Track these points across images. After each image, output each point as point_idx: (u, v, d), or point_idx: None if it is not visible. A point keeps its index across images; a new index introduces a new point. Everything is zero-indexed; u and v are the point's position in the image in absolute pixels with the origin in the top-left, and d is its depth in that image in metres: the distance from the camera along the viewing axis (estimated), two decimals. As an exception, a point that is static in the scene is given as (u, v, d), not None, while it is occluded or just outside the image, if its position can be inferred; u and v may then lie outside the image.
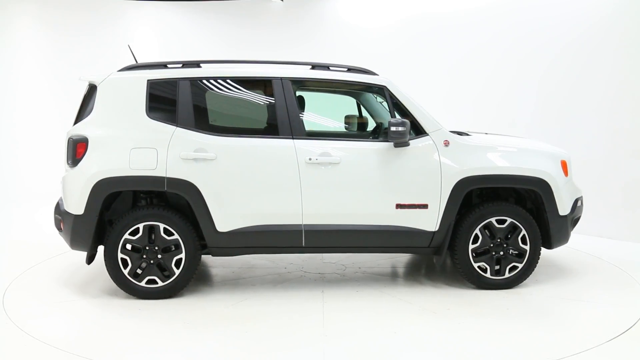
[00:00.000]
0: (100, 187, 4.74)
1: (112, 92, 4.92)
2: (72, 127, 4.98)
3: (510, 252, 5.15)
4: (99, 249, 5.08)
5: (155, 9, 11.11)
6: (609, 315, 4.66)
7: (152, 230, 4.86)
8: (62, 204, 5.02)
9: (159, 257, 4.87)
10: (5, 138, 10.39)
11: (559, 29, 7.99)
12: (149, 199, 5.12)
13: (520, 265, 5.17)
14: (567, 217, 5.23)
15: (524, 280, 5.24)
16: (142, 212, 4.87)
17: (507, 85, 8.55)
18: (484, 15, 8.75)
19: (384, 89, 5.12)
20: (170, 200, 5.11)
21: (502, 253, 5.14)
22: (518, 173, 5.09)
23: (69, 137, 4.89)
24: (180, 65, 5.08)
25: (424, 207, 4.99)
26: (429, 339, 4.13)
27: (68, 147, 4.89)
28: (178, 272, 4.89)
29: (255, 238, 4.92)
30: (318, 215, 4.93)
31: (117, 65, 5.32)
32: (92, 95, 4.99)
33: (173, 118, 4.88)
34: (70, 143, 4.85)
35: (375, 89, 5.24)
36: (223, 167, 4.83)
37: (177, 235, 4.86)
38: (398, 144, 4.95)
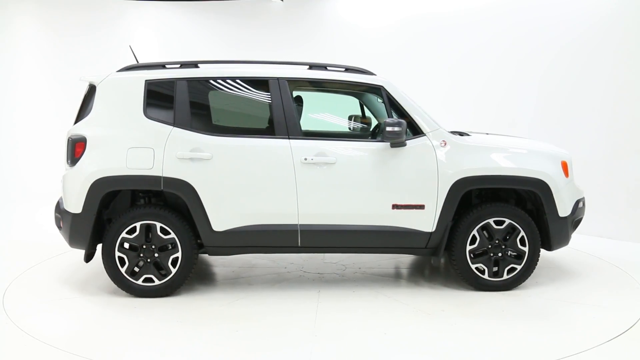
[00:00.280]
0: (98, 186, 4.80)
1: (110, 92, 4.97)
2: (72, 126, 5.05)
3: (509, 253, 5.10)
4: (99, 248, 5.12)
5: (155, 9, 11.10)
6: (609, 316, 4.61)
7: (149, 229, 4.90)
8: (62, 203, 5.08)
9: (156, 255, 4.91)
10: (5, 138, 10.31)
11: (559, 29, 7.95)
12: (147, 198, 5.17)
13: (519, 267, 5.11)
14: (567, 218, 5.16)
15: (523, 282, 5.19)
16: (139, 211, 4.91)
17: (507, 85, 8.51)
18: (484, 15, 8.71)
19: (381, 89, 5.10)
20: (168, 200, 5.14)
21: (500, 254, 5.09)
22: (516, 174, 5.03)
23: (68, 136, 4.96)
24: (178, 66, 5.12)
25: (421, 207, 4.96)
26: (419, 340, 4.11)
27: (67, 146, 4.96)
28: (174, 270, 4.93)
29: (251, 238, 4.94)
30: (314, 215, 4.93)
31: (117, 65, 5.37)
32: (92, 96, 5.05)
33: (170, 118, 4.92)
34: (70, 142, 4.92)
35: (373, 89, 5.21)
36: (219, 166, 4.85)
37: (173, 234, 4.90)
38: (394, 144, 4.93)
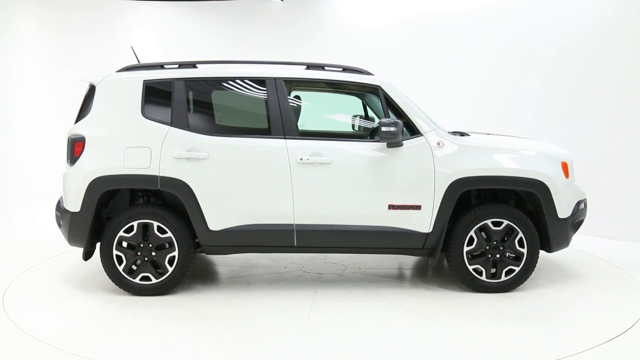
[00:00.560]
0: (96, 185, 4.85)
1: (109, 92, 5.03)
2: (72, 126, 5.11)
3: (507, 255, 5.05)
4: (99, 246, 5.17)
5: (155, 9, 11.11)
6: (608, 316, 4.58)
7: (146, 228, 4.94)
8: (62, 202, 5.15)
9: (153, 254, 4.95)
10: (5, 138, 10.28)
11: (559, 29, 7.90)
12: (146, 198, 5.22)
13: (517, 269, 5.06)
14: (567, 220, 5.09)
15: (522, 284, 5.13)
16: (136, 210, 4.96)
17: (507, 85, 8.46)
18: (484, 15, 8.66)
19: (378, 89, 5.08)
20: (167, 199, 5.18)
21: (498, 256, 5.04)
22: (514, 174, 4.98)
23: (68, 136, 5.03)
24: (177, 66, 5.15)
25: (417, 208, 4.93)
26: (408, 341, 4.09)
27: (67, 146, 5.03)
28: (171, 269, 4.96)
29: (247, 237, 4.95)
30: (310, 215, 4.93)
31: (117, 65, 5.43)
32: (92, 96, 5.11)
33: (167, 118, 4.96)
34: (69, 142, 4.99)
35: (370, 89, 5.19)
36: (215, 166, 4.87)
37: (170, 233, 4.94)
38: (391, 144, 4.91)
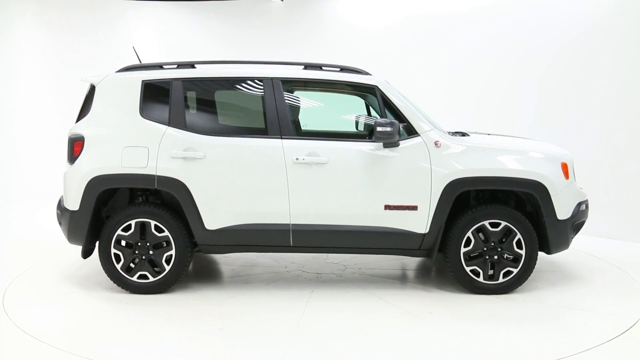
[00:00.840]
0: (94, 184, 4.91)
1: (109, 92, 5.08)
2: (73, 126, 5.18)
3: (505, 256, 5.00)
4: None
5: (155, 9, 11.13)
6: (608, 316, 4.55)
7: (144, 227, 4.99)
8: (62, 200, 5.22)
9: (150, 253, 4.99)
10: (5, 138, 10.29)
11: (559, 28, 7.84)
12: (145, 197, 5.26)
13: (515, 270, 5.01)
14: (566, 221, 5.02)
15: (520, 286, 5.08)
16: (134, 209, 5.01)
17: (507, 85, 8.40)
18: (484, 15, 8.61)
19: (375, 89, 5.07)
20: (165, 198, 5.22)
21: (496, 257, 5.00)
22: (512, 175, 4.93)
23: (69, 135, 5.10)
24: (175, 66, 5.19)
25: (414, 208, 4.91)
26: (397, 342, 4.07)
27: (67, 145, 5.09)
28: (168, 268, 5.00)
29: (243, 236, 4.97)
30: (305, 215, 4.93)
31: (117, 65, 5.48)
32: (92, 96, 5.17)
33: (165, 118, 5.00)
34: (69, 141, 5.06)
35: (367, 89, 5.18)
36: (212, 166, 4.90)
37: (167, 232, 4.97)
38: (387, 144, 4.89)
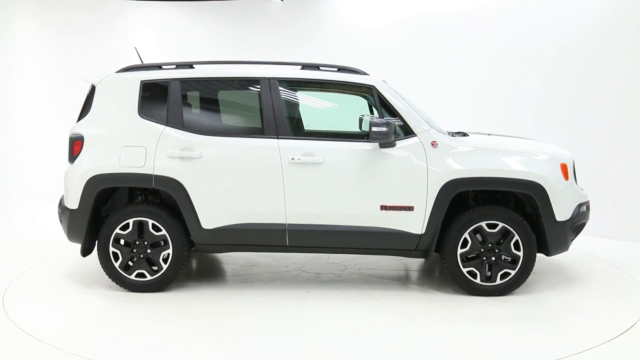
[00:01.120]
0: (93, 183, 4.97)
1: (108, 92, 5.14)
2: (73, 125, 5.25)
3: (503, 257, 4.95)
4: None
5: (155, 9, 11.12)
6: (607, 317, 4.51)
7: (142, 226, 5.03)
8: (63, 199, 5.29)
9: (148, 251, 5.04)
10: (5, 138, 10.27)
11: (559, 28, 7.78)
12: (144, 196, 5.31)
13: (513, 272, 4.96)
14: (566, 223, 4.96)
15: (518, 287, 5.03)
16: (132, 208, 5.06)
17: (507, 85, 8.33)
18: (484, 15, 8.55)
19: (373, 89, 5.05)
20: (164, 198, 5.26)
21: (493, 258, 4.95)
22: (509, 176, 4.88)
23: (69, 135, 5.17)
24: (174, 67, 5.23)
25: (409, 209, 4.89)
26: (386, 343, 4.05)
27: (68, 144, 5.17)
28: (166, 267, 5.04)
29: (240, 236, 5.00)
30: (301, 215, 4.94)
31: (117, 66, 5.54)
32: (92, 95, 5.24)
33: (163, 118, 5.04)
34: (69, 141, 5.13)
35: (364, 89, 5.17)
36: (208, 165, 4.93)
37: (164, 231, 5.02)
38: (383, 145, 4.88)
